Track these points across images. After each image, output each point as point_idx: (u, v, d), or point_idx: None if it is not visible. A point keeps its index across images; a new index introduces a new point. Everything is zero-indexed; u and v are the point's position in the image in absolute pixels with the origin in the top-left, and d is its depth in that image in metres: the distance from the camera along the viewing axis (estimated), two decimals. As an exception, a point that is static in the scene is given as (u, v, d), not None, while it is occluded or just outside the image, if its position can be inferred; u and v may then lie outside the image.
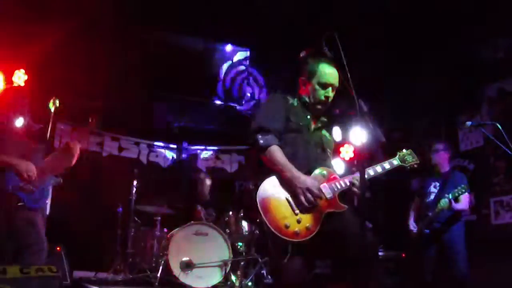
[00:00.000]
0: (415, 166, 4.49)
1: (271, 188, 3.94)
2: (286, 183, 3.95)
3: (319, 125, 4.44)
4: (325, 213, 3.95)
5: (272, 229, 3.76)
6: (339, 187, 4.08)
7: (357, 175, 4.11)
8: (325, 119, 4.50)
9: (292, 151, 4.11)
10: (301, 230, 3.82)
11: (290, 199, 3.92)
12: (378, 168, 4.30)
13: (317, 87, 4.29)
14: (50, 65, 8.52)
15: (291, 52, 4.71)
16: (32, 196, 5.35)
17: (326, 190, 4.03)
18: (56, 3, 7.74)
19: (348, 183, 4.10)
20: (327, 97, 4.31)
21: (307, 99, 4.36)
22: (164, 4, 7.99)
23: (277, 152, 4.00)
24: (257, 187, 3.95)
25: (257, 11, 8.09)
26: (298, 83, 4.46)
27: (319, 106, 4.35)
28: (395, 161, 4.42)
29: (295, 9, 7.83)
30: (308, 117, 4.36)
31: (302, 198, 3.89)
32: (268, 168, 4.02)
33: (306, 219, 3.87)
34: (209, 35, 9.36)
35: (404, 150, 4.52)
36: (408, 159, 4.47)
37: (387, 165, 4.36)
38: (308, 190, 3.90)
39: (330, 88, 4.30)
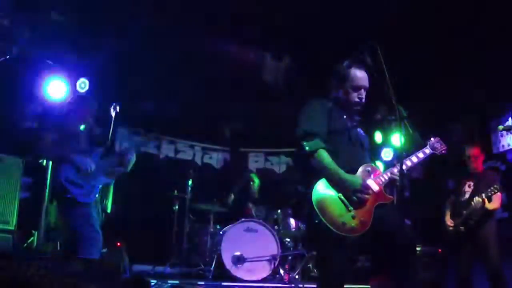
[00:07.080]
0: (444, 152, 4.69)
1: (323, 190, 4.10)
2: (336, 185, 4.12)
3: (354, 123, 4.58)
4: (375, 205, 4.16)
5: (332, 228, 3.95)
6: (383, 180, 4.29)
7: (396, 169, 4.34)
8: (359, 118, 4.64)
9: (335, 152, 4.21)
10: (357, 224, 4.02)
11: (342, 197, 4.08)
12: (414, 158, 4.53)
13: (350, 90, 4.48)
14: (111, 73, 8.82)
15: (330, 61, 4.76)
16: (81, 190, 5.74)
17: (373, 184, 4.24)
18: (119, 12, 7.97)
19: (390, 176, 4.34)
20: (360, 99, 4.50)
21: (341, 101, 4.52)
22: (224, 13, 8.19)
23: (324, 157, 4.14)
24: (308, 190, 4.13)
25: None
26: (331, 87, 4.62)
27: (354, 108, 4.53)
28: (427, 150, 4.63)
29: (339, 22, 7.99)
30: (345, 117, 4.51)
31: (354, 199, 4.07)
32: (316, 171, 4.17)
33: (360, 214, 4.06)
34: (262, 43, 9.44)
35: (432, 138, 4.73)
36: (437, 146, 4.69)
37: (421, 154, 4.58)
38: (358, 190, 4.09)
39: (362, 90, 4.50)
